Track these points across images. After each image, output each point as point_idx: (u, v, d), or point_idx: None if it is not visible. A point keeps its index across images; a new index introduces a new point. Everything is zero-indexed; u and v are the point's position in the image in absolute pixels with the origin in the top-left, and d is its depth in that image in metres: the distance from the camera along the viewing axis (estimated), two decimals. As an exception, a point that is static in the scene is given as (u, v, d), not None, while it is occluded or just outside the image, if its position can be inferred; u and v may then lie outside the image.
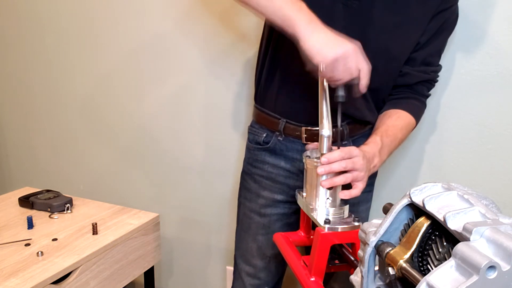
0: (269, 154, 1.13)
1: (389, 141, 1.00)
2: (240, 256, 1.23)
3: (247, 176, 1.19)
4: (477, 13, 1.19)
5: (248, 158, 1.18)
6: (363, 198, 1.16)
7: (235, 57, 1.51)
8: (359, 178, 0.89)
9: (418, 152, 1.34)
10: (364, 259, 0.52)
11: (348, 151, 0.87)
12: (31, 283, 1.00)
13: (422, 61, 1.06)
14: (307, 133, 1.06)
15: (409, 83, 1.08)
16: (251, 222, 1.18)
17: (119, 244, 1.24)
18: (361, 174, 0.89)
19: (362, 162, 0.89)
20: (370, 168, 0.94)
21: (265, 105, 1.13)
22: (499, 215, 0.44)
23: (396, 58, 1.04)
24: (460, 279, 0.39)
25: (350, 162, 0.87)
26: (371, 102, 1.07)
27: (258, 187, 1.15)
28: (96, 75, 1.75)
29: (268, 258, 1.18)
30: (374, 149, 0.96)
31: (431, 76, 1.09)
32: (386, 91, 1.10)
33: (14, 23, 1.85)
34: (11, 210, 1.41)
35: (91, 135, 1.82)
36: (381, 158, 0.98)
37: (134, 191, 1.79)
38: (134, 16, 1.62)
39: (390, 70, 1.05)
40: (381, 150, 0.97)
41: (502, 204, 1.21)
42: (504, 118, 1.23)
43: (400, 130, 1.04)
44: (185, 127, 1.64)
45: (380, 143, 0.98)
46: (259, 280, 1.20)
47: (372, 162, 0.94)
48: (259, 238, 1.17)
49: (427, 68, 1.07)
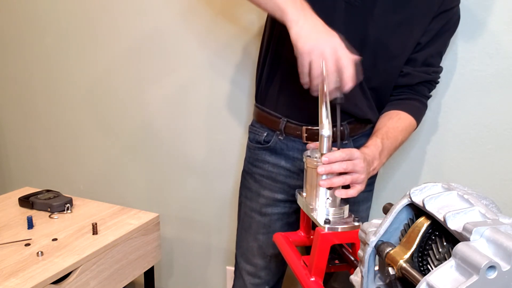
0: (270, 153, 1.13)
1: (390, 144, 1.00)
2: (240, 255, 1.23)
3: (248, 175, 1.19)
4: (477, 13, 1.19)
5: (249, 158, 1.18)
6: (363, 198, 1.16)
7: (237, 55, 1.51)
8: (359, 181, 0.89)
9: (419, 152, 1.34)
10: (364, 259, 0.52)
11: (349, 152, 0.87)
12: (31, 283, 1.00)
13: (423, 62, 1.06)
14: (307, 132, 1.06)
15: (410, 83, 1.08)
16: (251, 221, 1.18)
17: (119, 244, 1.24)
18: (361, 177, 0.89)
19: (363, 165, 0.88)
20: (370, 171, 0.94)
21: (266, 104, 1.13)
22: (499, 215, 0.44)
23: (396, 57, 1.04)
24: (460, 279, 0.39)
25: (351, 164, 0.87)
26: (371, 101, 1.07)
27: (258, 187, 1.15)
28: (96, 75, 1.75)
29: (269, 258, 1.18)
30: (374, 152, 0.96)
31: (432, 77, 1.09)
32: (386, 91, 1.09)
33: (14, 23, 1.85)
34: (11, 210, 1.40)
35: (91, 135, 1.82)
36: (381, 160, 0.98)
37: (134, 191, 1.79)
38: (134, 15, 1.62)
39: (390, 69, 1.05)
40: (381, 153, 0.97)
41: (502, 204, 1.21)
42: (504, 118, 1.23)
43: (400, 132, 1.04)
44: (185, 127, 1.64)
45: (381, 146, 0.98)
46: (259, 279, 1.21)
47: (372, 165, 0.94)
48: (259, 237, 1.17)
49: (428, 69, 1.07)
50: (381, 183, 1.38)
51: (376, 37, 0.99)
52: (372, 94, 1.06)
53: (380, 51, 1.00)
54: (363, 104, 1.06)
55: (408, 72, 1.06)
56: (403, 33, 1.01)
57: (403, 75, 1.07)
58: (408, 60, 1.06)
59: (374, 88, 1.06)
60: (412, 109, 1.08)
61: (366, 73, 1.01)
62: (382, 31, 0.99)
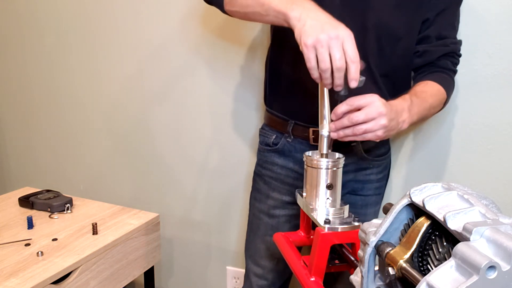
0: (278, 155, 1.13)
1: (419, 102, 0.94)
2: (249, 257, 1.23)
3: (258, 177, 1.19)
4: (477, 13, 1.19)
5: (259, 160, 1.19)
6: (371, 201, 1.16)
7: (242, 58, 1.51)
8: (375, 128, 0.83)
9: (419, 152, 1.34)
10: (364, 259, 0.52)
11: (357, 100, 0.82)
12: (31, 283, 1.00)
13: (437, 36, 1.03)
14: (314, 134, 1.06)
15: (431, 59, 1.04)
16: (260, 223, 1.18)
17: (119, 244, 1.24)
18: (378, 123, 0.82)
19: (381, 110, 0.82)
20: (399, 121, 0.88)
21: (274, 107, 1.14)
22: (499, 215, 0.44)
23: (401, 39, 1.01)
24: (460, 279, 0.39)
25: (362, 114, 0.82)
26: (384, 90, 1.02)
27: (267, 188, 1.16)
28: (96, 75, 1.75)
29: (276, 260, 1.18)
30: (402, 103, 0.90)
31: (451, 48, 1.05)
32: (399, 77, 1.05)
33: (14, 23, 1.85)
34: (11, 210, 1.40)
35: (91, 135, 1.82)
36: (411, 115, 0.91)
37: (134, 191, 1.79)
38: (136, 16, 1.62)
39: (398, 51, 1.02)
40: (410, 107, 0.91)
41: (502, 204, 1.21)
42: (504, 118, 1.23)
43: (430, 96, 0.98)
44: (186, 127, 1.64)
45: (409, 100, 0.92)
46: (266, 281, 1.20)
47: (401, 115, 0.88)
48: (267, 239, 1.17)
49: (444, 41, 1.04)
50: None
51: (376, 20, 0.97)
52: (385, 82, 1.02)
53: (383, 34, 0.98)
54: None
55: (425, 49, 1.03)
56: (403, 13, 0.99)
57: (420, 55, 1.04)
58: (421, 39, 1.03)
59: (386, 75, 1.02)
60: (438, 78, 1.02)
61: (374, 59, 0.99)
62: (382, 14, 0.97)
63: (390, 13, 0.98)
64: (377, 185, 1.15)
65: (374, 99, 0.83)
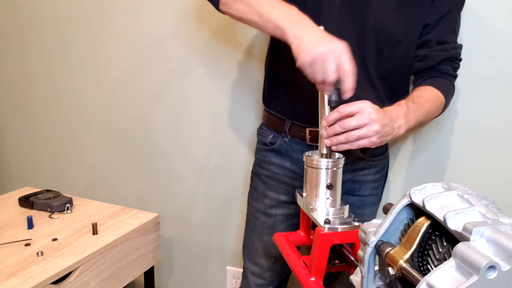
0: (275, 155, 1.14)
1: (415, 107, 0.94)
2: (246, 256, 1.24)
3: (255, 176, 1.20)
4: (477, 13, 1.19)
5: (257, 159, 1.20)
6: (369, 201, 1.16)
7: (241, 58, 1.51)
8: (368, 134, 0.83)
9: (418, 152, 1.34)
10: (364, 259, 0.52)
11: (349, 107, 0.83)
12: (31, 283, 1.00)
13: (438, 41, 1.03)
14: (311, 134, 1.06)
15: (431, 64, 1.05)
16: (257, 222, 1.19)
17: (119, 244, 1.24)
18: (371, 129, 0.83)
19: (372, 116, 0.83)
20: (394, 127, 0.88)
21: (272, 107, 1.15)
22: (499, 215, 0.44)
23: (400, 42, 1.01)
24: (460, 279, 0.39)
25: (354, 120, 0.83)
26: (381, 93, 1.03)
27: (264, 188, 1.16)
28: (96, 75, 1.75)
29: (273, 259, 1.19)
30: (398, 109, 0.90)
31: (451, 53, 1.05)
32: (397, 80, 1.06)
33: (14, 23, 1.85)
34: (11, 210, 1.40)
35: (91, 135, 1.82)
36: (407, 120, 0.91)
37: (134, 191, 1.79)
38: (135, 17, 1.62)
39: (397, 54, 1.02)
40: (407, 113, 0.91)
41: (502, 204, 1.21)
42: (504, 118, 1.23)
43: (427, 101, 0.98)
44: (185, 127, 1.64)
45: (405, 106, 0.92)
46: (263, 279, 1.21)
47: (396, 121, 0.89)
48: (264, 238, 1.18)
49: (445, 46, 1.04)
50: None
51: (375, 23, 0.97)
52: (383, 85, 1.03)
53: (382, 37, 0.98)
54: (370, 97, 0.98)
55: (425, 54, 1.03)
56: (402, 16, 0.99)
57: (420, 59, 1.04)
58: (422, 44, 1.03)
59: (383, 78, 1.03)
60: (437, 83, 1.02)
61: (372, 61, 1.00)
62: (380, 17, 0.97)
63: (389, 16, 0.98)
64: (375, 185, 1.15)
65: (365, 106, 0.84)
